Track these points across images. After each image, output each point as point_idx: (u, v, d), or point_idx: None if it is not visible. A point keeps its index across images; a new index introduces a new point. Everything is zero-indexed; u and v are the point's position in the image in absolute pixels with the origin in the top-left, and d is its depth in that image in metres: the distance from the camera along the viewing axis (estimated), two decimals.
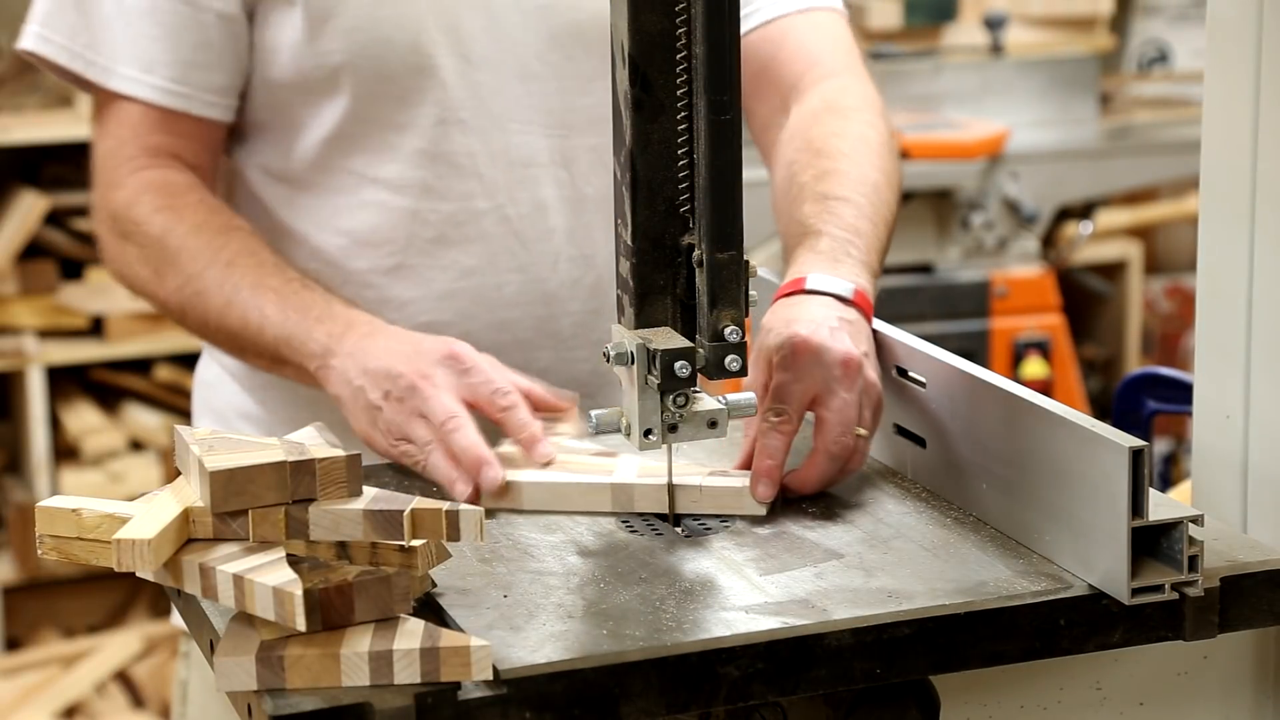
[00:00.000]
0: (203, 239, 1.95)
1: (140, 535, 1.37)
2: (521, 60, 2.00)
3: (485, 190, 2.02)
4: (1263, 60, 1.56)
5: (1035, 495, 1.52)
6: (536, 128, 2.02)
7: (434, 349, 1.77)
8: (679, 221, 1.57)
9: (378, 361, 1.78)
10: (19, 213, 4.30)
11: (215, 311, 1.93)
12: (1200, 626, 1.45)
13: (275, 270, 1.93)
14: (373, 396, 1.76)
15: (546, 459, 1.71)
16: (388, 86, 1.98)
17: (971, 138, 4.21)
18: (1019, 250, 4.24)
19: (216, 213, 1.99)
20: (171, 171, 2.00)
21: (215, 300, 1.92)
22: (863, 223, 1.83)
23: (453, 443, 1.70)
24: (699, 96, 1.53)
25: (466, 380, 1.74)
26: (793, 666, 1.38)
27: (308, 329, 1.86)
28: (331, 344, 1.83)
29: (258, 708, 1.33)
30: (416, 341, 1.79)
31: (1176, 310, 5.11)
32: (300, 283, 1.91)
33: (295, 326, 1.87)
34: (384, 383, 1.76)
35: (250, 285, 1.91)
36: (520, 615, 1.44)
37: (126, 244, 2.00)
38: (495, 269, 2.03)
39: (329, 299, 1.90)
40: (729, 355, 1.55)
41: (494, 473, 1.67)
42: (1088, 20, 5.02)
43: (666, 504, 1.64)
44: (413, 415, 1.73)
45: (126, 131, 2.00)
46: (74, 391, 4.49)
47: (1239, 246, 1.60)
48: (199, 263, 1.94)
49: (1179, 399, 2.16)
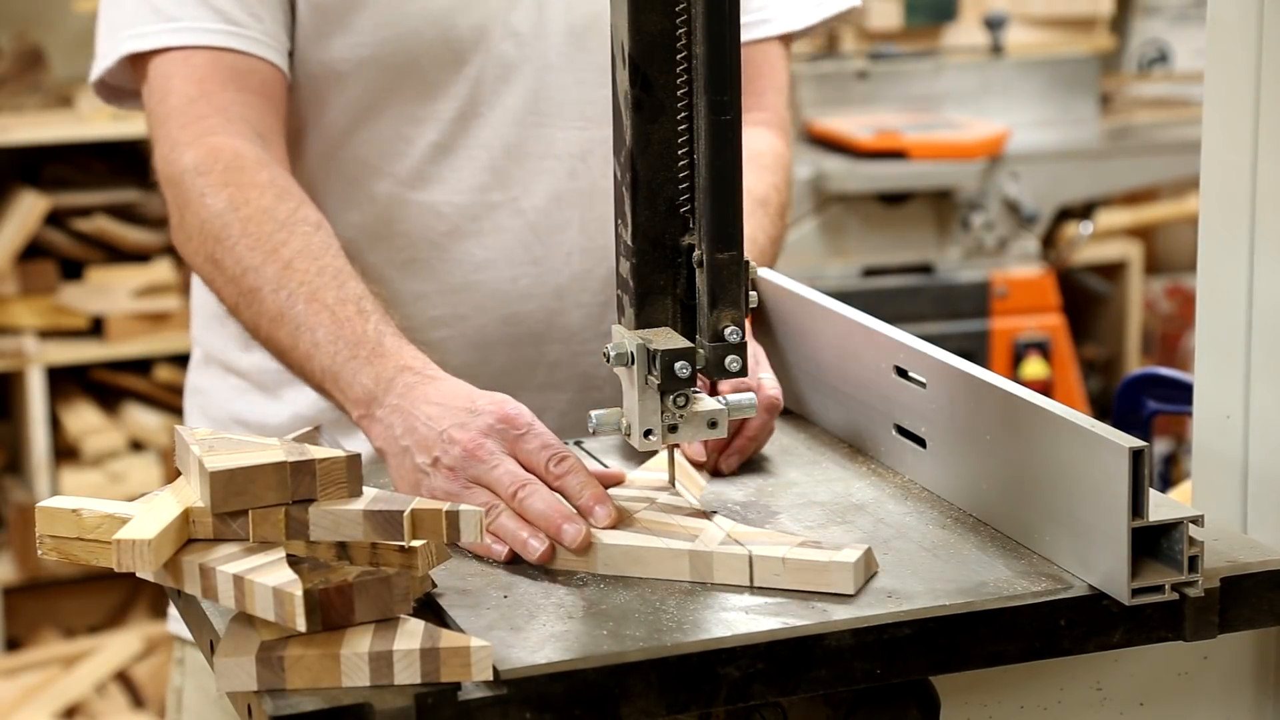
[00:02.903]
0: (266, 228, 1.84)
1: (140, 535, 1.37)
2: (540, 53, 2.00)
3: (500, 183, 2.01)
4: (1263, 60, 1.56)
5: (1035, 495, 1.52)
6: (553, 120, 2.02)
7: (488, 410, 1.63)
8: (679, 222, 1.56)
9: (427, 425, 1.64)
10: (19, 213, 4.30)
11: (267, 319, 1.82)
12: (1200, 627, 1.45)
13: (334, 281, 1.81)
14: (420, 460, 1.64)
15: (608, 523, 1.57)
16: (411, 81, 1.97)
17: (972, 138, 4.21)
18: (1019, 250, 4.24)
19: (284, 197, 1.87)
20: (243, 142, 1.90)
21: (269, 306, 1.82)
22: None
23: (528, 507, 1.57)
24: (699, 97, 1.53)
25: (522, 446, 1.62)
26: (793, 667, 1.38)
27: (354, 371, 1.73)
28: (378, 392, 1.71)
29: (258, 708, 1.33)
30: (469, 400, 1.65)
31: (1176, 310, 5.12)
32: (355, 306, 1.78)
33: (343, 365, 1.74)
34: (434, 449, 1.63)
35: (306, 298, 1.79)
36: (520, 615, 1.44)
37: (186, 214, 1.89)
38: (509, 262, 2.02)
39: (381, 331, 1.76)
40: (729, 355, 1.55)
41: (577, 528, 1.55)
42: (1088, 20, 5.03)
43: (747, 575, 1.50)
44: (469, 485, 1.61)
45: (194, 89, 1.91)
46: (74, 392, 4.49)
47: (1239, 247, 1.60)
48: (258, 255, 1.83)
49: (1179, 399, 2.17)
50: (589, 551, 1.54)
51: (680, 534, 1.56)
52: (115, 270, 4.38)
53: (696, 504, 1.63)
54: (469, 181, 2.00)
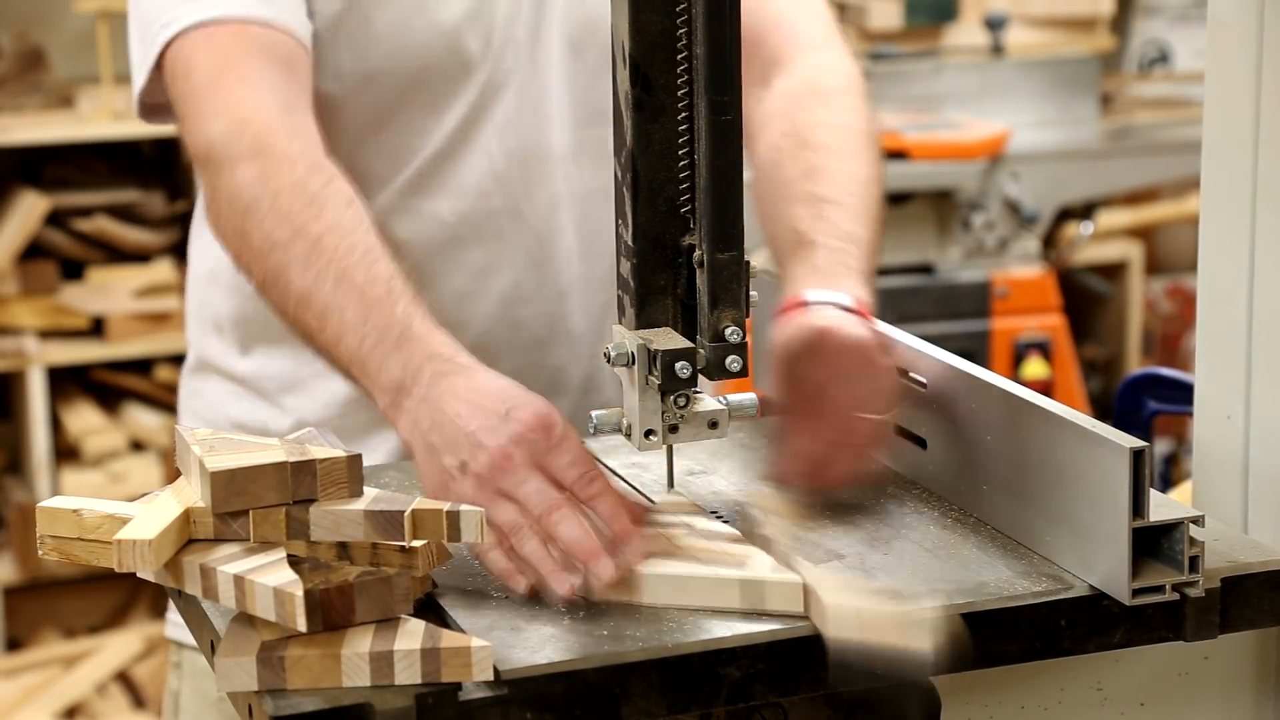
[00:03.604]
0: (296, 204, 1.77)
1: (141, 536, 1.37)
2: (538, 59, 2.00)
3: (501, 188, 2.01)
4: (1263, 60, 1.56)
5: (1036, 496, 1.52)
6: (550, 123, 2.02)
7: (522, 416, 1.55)
8: (680, 222, 1.57)
9: (456, 424, 1.57)
10: (19, 213, 4.30)
11: (294, 300, 1.76)
12: (1201, 627, 1.45)
13: (364, 260, 1.73)
14: (447, 462, 1.57)
15: (640, 557, 1.50)
16: (419, 94, 1.97)
17: (972, 138, 4.21)
18: (1020, 251, 4.24)
19: (316, 170, 1.81)
20: (273, 113, 1.84)
21: (296, 287, 1.75)
22: (856, 227, 1.81)
23: (560, 534, 1.50)
24: (699, 97, 1.53)
25: (553, 461, 1.54)
26: (793, 667, 1.38)
27: (382, 357, 1.66)
28: (406, 380, 1.63)
29: (258, 708, 1.33)
30: (500, 400, 1.57)
31: (1177, 310, 5.11)
32: (385, 286, 1.70)
33: (370, 351, 1.67)
34: (462, 451, 1.55)
35: (335, 277, 1.72)
36: (521, 616, 1.44)
37: (216, 186, 1.83)
38: (511, 267, 2.02)
39: (410, 314, 1.68)
40: (730, 356, 1.55)
41: (608, 568, 1.47)
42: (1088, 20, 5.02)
43: (801, 604, 1.43)
44: (496, 496, 1.53)
45: (219, 63, 1.85)
46: (74, 392, 4.49)
47: (1239, 247, 1.60)
48: (286, 229, 1.76)
49: (1179, 399, 2.17)
50: (630, 582, 1.47)
51: (726, 561, 1.49)
52: (115, 270, 4.38)
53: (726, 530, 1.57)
54: (471, 188, 2.00)
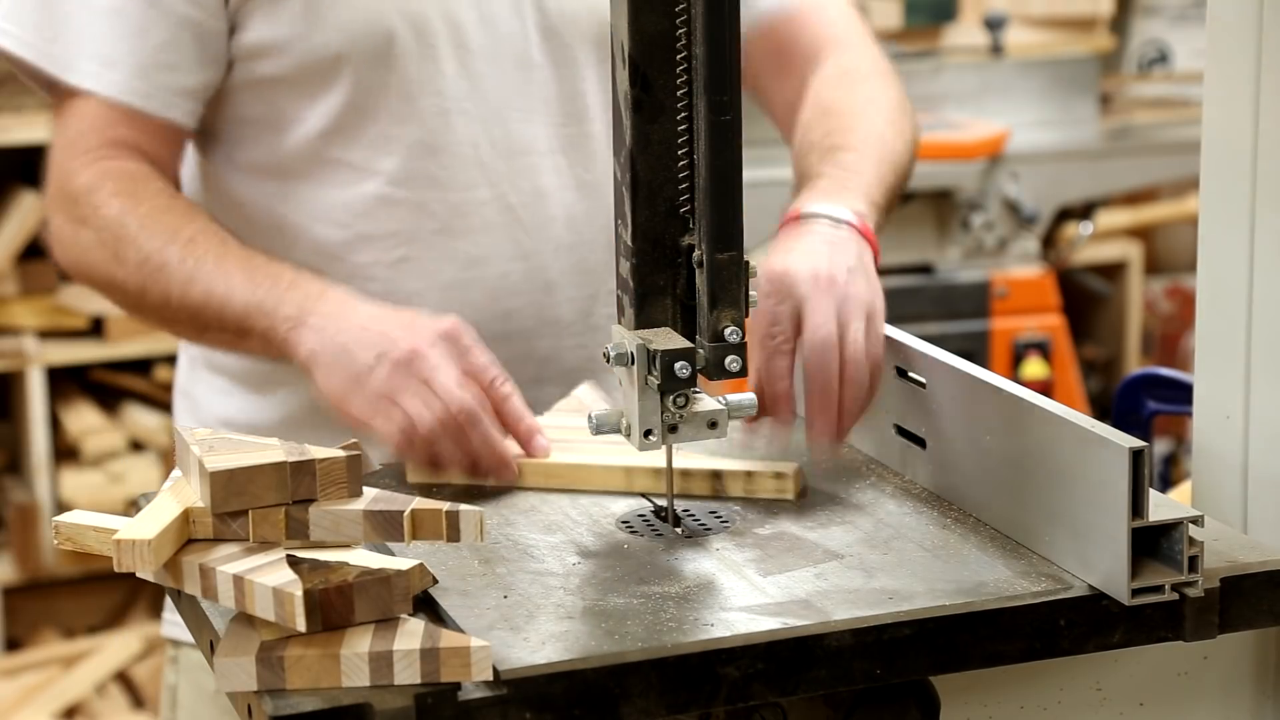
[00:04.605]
0: (164, 220, 1.92)
1: (140, 535, 1.37)
2: (518, 49, 2.02)
3: (487, 179, 2.03)
4: (1263, 61, 1.56)
5: (1035, 496, 1.52)
6: (536, 115, 2.04)
7: (432, 323, 1.75)
8: (679, 222, 1.57)
9: (370, 325, 1.75)
10: (19, 213, 4.30)
11: (178, 287, 1.89)
12: (1200, 627, 1.45)
13: (239, 247, 1.90)
14: (361, 357, 1.73)
15: (544, 452, 1.72)
16: (388, 77, 1.98)
17: (971, 138, 4.21)
18: (1019, 251, 4.24)
19: (177, 199, 1.96)
20: (132, 163, 1.97)
21: (177, 275, 1.88)
22: (864, 164, 1.91)
23: (472, 437, 1.69)
24: (699, 97, 1.53)
25: (467, 360, 1.73)
26: (793, 667, 1.38)
27: (279, 294, 1.82)
28: (308, 305, 1.80)
29: (258, 708, 1.33)
30: (409, 314, 1.78)
31: (1176, 310, 5.11)
32: (265, 257, 1.88)
33: (266, 293, 1.83)
34: (379, 344, 1.72)
35: (215, 259, 1.87)
36: (520, 616, 1.44)
37: (82, 228, 1.96)
38: (499, 258, 2.04)
39: (299, 270, 1.86)
40: (729, 356, 1.55)
41: (511, 475, 1.70)
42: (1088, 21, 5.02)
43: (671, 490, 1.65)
44: (413, 382, 1.70)
45: (86, 125, 1.98)
46: (74, 392, 4.49)
47: (1239, 247, 1.60)
48: (159, 240, 1.90)
49: (1179, 399, 2.16)
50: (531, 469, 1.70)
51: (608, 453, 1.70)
52: None
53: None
54: (457, 178, 2.01)
